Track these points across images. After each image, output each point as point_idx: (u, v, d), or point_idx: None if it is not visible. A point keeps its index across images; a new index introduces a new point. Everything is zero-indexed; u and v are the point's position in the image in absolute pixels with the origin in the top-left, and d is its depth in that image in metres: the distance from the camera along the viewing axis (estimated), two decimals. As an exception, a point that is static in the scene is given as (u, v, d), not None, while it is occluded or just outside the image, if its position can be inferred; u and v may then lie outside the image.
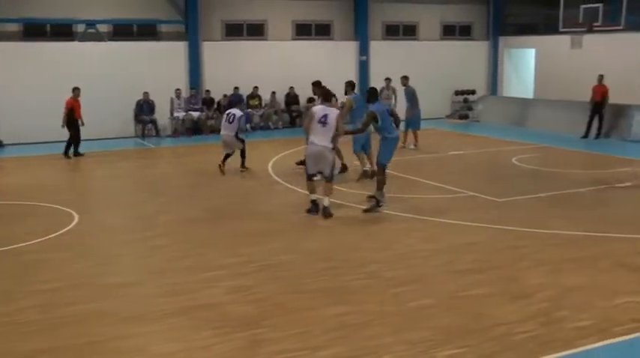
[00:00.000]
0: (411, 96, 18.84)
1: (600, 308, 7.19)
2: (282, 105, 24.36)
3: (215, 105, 23.11)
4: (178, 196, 13.53)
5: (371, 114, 11.56)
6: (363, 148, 14.40)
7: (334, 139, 11.10)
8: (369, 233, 10.38)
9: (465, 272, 8.36)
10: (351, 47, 25.75)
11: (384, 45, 26.33)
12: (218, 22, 23.74)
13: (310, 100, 16.80)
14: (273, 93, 23.92)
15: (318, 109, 11.17)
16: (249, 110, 23.20)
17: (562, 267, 8.53)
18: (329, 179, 11.26)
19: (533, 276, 8.19)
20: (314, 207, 11.35)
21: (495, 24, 28.36)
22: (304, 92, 23.78)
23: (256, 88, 23.51)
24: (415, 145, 18.49)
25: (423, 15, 27.15)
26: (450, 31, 28.03)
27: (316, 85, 14.60)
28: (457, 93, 27.61)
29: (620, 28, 17.98)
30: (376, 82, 25.53)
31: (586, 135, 20.67)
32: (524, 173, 15.36)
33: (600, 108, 20.56)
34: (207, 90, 23.14)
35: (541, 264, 8.67)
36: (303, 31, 25.18)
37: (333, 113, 11.04)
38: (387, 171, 11.88)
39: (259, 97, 23.74)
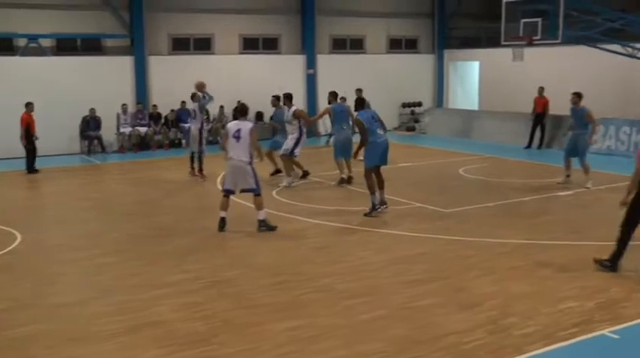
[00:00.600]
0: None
1: (545, 314, 7.35)
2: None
3: (162, 120, 22.89)
4: (125, 213, 13.32)
5: (357, 121, 12.14)
6: (342, 155, 15.11)
7: (259, 152, 11.25)
8: (320, 246, 10.39)
9: (415, 283, 8.44)
10: (298, 61, 25.84)
11: (332, 58, 26.50)
12: (165, 36, 23.56)
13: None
14: (222, 107, 23.81)
15: (232, 125, 11.34)
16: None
17: (508, 275, 8.69)
18: (256, 193, 11.25)
19: (481, 285, 8.32)
20: (222, 224, 11.28)
21: (440, 37, 28.84)
22: (253, 106, 23.81)
23: (204, 102, 23.28)
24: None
25: (369, 28, 27.44)
26: (396, 45, 28.38)
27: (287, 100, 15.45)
28: (404, 105, 27.94)
29: (559, 41, 18.47)
30: (324, 95, 25.73)
31: (529, 146, 21.17)
32: (470, 183, 15.61)
33: (542, 119, 21.12)
34: (154, 105, 22.91)
35: (488, 272, 8.82)
36: (250, 45, 25.17)
37: (246, 127, 11.10)
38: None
39: (207, 111, 23.53)
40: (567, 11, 18.08)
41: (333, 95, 15.90)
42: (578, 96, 15.03)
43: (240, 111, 11.57)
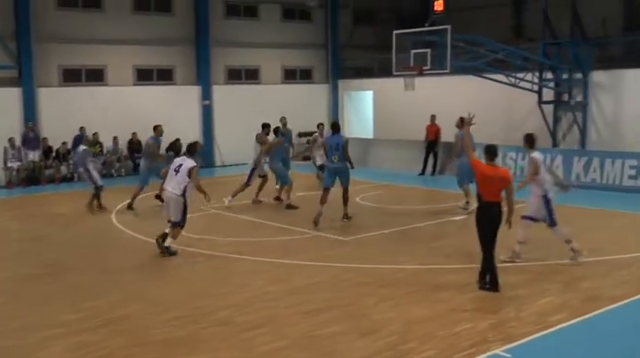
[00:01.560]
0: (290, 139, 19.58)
1: (442, 337, 7.54)
2: (125, 152, 23.74)
3: (54, 154, 22.13)
4: (14, 251, 12.72)
5: (322, 143, 14.61)
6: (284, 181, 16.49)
7: (202, 192, 11.62)
8: (220, 278, 10.29)
9: (315, 312, 8.48)
10: (193, 92, 25.66)
11: (227, 89, 26.48)
12: (55, 67, 22.86)
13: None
14: (115, 138, 23.27)
15: (177, 159, 11.91)
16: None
17: (406, 300, 8.88)
18: (177, 225, 11.54)
19: (380, 311, 8.46)
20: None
21: (334, 68, 29.42)
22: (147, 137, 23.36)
23: (96, 134, 22.67)
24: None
25: (264, 59, 27.64)
26: (291, 75, 28.71)
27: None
28: (300, 135, 28.19)
29: (447, 71, 19.24)
30: (220, 125, 25.70)
31: (422, 173, 21.82)
32: (368, 211, 15.88)
33: (434, 146, 21.86)
34: (45, 138, 22.11)
35: (386, 298, 8.97)
36: (144, 76, 24.80)
37: (187, 165, 11.50)
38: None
39: (100, 144, 22.99)
40: (454, 42, 18.88)
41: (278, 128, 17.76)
42: (462, 120, 15.27)
43: (189, 149, 12.10)
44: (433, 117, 21.99)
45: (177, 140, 21.40)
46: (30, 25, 21.91)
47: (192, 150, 11.96)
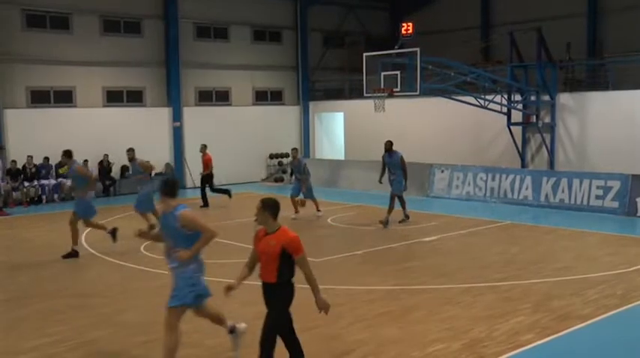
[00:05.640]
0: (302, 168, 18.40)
1: (415, 357, 7.53)
2: (96, 173, 23.50)
3: (21, 176, 21.82)
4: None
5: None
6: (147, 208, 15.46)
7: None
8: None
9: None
10: (164, 113, 25.57)
11: (198, 111, 26.44)
12: (22, 89, 22.61)
13: None
14: (85, 161, 23.02)
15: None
16: (60, 179, 22.30)
17: (379, 322, 8.87)
18: None
19: (353, 333, 8.44)
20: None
21: (305, 89, 29.54)
22: (118, 160, 23.25)
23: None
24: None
25: (234, 81, 27.67)
26: (262, 96, 28.77)
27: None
28: (271, 156, 28.23)
29: (417, 93, 19.41)
30: (190, 147, 25.57)
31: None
32: (339, 232, 15.90)
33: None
34: (13, 161, 21.80)
35: (359, 320, 8.96)
36: (114, 97, 24.66)
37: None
38: None
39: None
40: (424, 65, 19.08)
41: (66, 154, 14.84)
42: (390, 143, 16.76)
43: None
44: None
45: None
46: (-4, 45, 21.73)
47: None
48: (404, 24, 19.31)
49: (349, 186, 23.88)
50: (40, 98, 23.00)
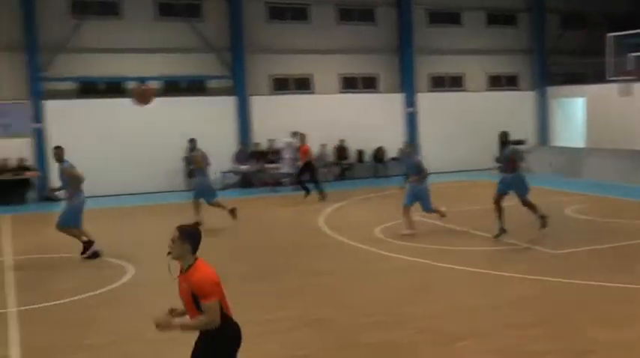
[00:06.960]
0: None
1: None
2: (332, 158, 24.49)
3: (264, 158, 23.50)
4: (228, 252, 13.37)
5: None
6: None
7: None
8: (422, 285, 10.13)
9: (523, 327, 8.02)
10: (397, 99, 25.83)
11: (431, 97, 26.35)
12: (265, 77, 24.09)
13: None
14: (323, 145, 24.00)
15: None
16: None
17: (625, 323, 8.16)
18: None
19: (596, 332, 7.84)
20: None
21: (541, 74, 28.17)
22: (353, 144, 24.10)
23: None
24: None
25: (468, 66, 27.17)
26: (495, 82, 27.95)
27: None
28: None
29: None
30: (425, 133, 25.58)
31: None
32: (578, 224, 14.94)
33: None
34: (257, 143, 23.48)
35: (602, 319, 8.30)
36: (349, 84, 25.40)
37: None
38: None
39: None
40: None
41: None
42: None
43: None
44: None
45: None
46: (243, 38, 23.32)
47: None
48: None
49: (589, 176, 22.33)
50: (280, 85, 24.37)
